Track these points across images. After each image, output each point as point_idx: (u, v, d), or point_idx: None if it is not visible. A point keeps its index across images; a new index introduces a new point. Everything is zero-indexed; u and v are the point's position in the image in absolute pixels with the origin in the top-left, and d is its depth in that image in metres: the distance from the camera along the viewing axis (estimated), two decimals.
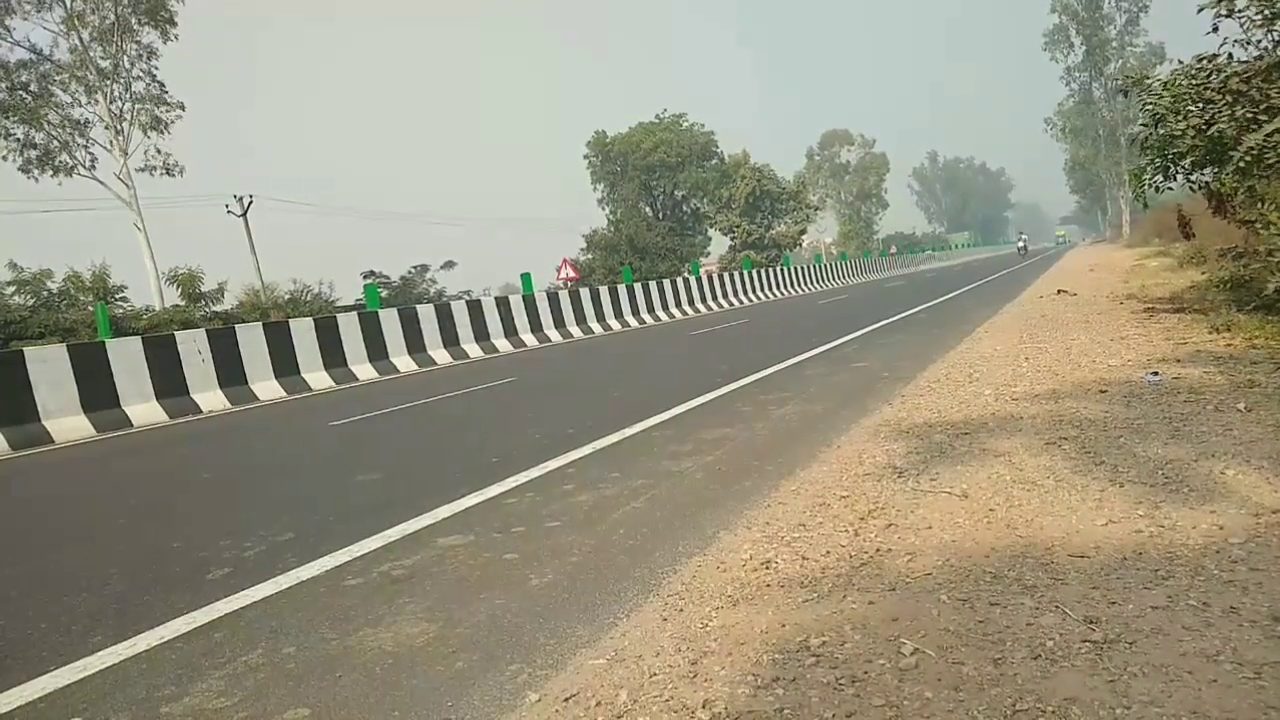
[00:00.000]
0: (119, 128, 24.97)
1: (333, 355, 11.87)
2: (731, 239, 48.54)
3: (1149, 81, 7.66)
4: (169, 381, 9.75)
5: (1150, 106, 7.24)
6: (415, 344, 13.31)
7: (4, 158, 24.06)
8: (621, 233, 38.60)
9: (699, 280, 23.71)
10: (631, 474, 4.12)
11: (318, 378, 11.46)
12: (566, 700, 1.95)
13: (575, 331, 17.17)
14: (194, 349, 10.14)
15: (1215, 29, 7.15)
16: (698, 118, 51.01)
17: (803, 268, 33.25)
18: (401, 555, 3.20)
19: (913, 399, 5.15)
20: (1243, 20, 6.95)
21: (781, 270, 30.86)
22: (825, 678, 1.87)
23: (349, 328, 12.30)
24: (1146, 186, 8.12)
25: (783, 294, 28.60)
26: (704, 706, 1.82)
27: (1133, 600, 2.05)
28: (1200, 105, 6.93)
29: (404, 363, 12.90)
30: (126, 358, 9.47)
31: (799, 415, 5.28)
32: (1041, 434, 3.78)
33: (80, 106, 24.98)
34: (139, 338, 10.19)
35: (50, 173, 24.71)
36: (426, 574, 2.96)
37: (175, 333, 10.66)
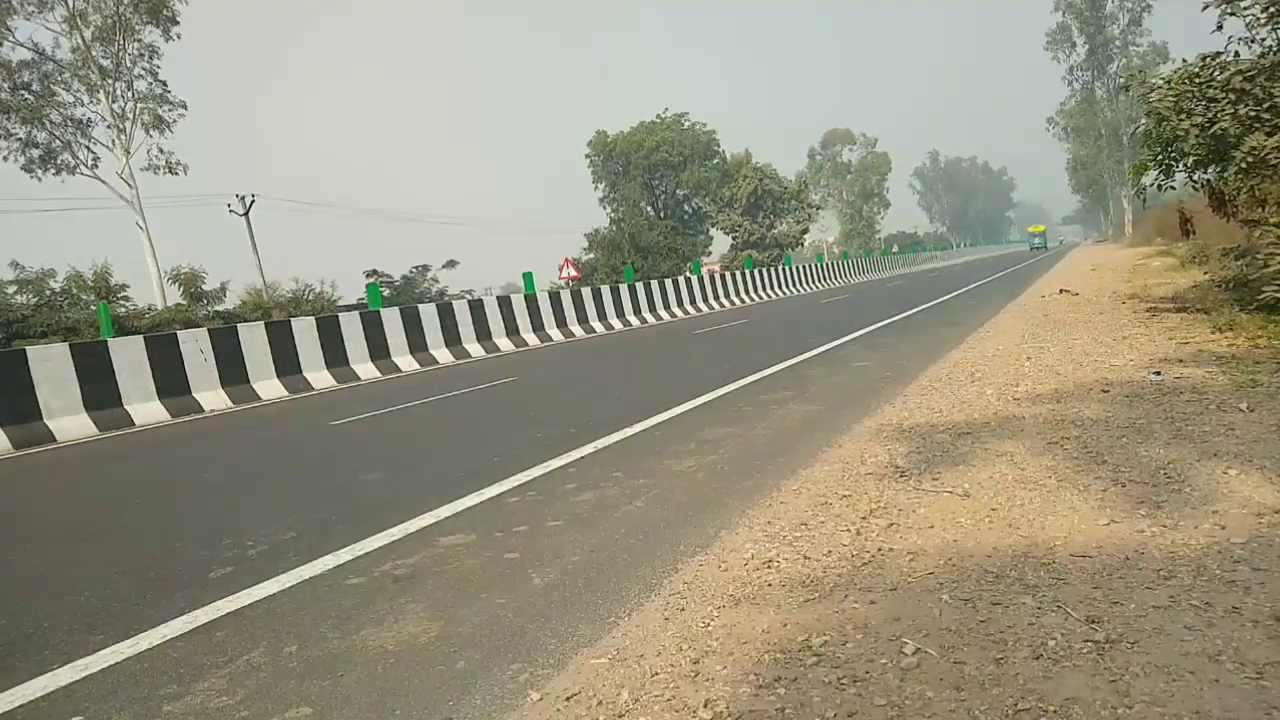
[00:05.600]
0: (121, 127, 24.99)
1: (335, 354, 11.87)
2: (733, 238, 48.53)
3: (1151, 80, 7.64)
4: (171, 380, 9.75)
5: (1152, 105, 7.22)
6: (417, 343, 13.31)
7: (6, 158, 24.14)
8: (623, 232, 38.55)
9: (700, 279, 23.70)
10: (633, 473, 4.12)
11: (320, 377, 11.47)
12: (568, 699, 1.95)
13: (577, 331, 17.17)
14: (196, 348, 10.14)
15: (1220, 27, 7.14)
16: (699, 117, 50.96)
17: (804, 267, 33.21)
18: (403, 554, 3.20)
19: (915, 399, 5.15)
20: (1248, 19, 6.93)
21: (783, 270, 30.84)
22: (827, 677, 1.87)
23: (351, 327, 12.30)
24: (1148, 184, 8.11)
25: (784, 293, 28.58)
26: (706, 706, 1.82)
27: (1135, 600, 2.05)
28: (1204, 104, 6.91)
29: (406, 362, 12.90)
30: (129, 357, 9.48)
31: (801, 415, 5.28)
32: (1044, 434, 3.78)
33: (82, 106, 25.05)
34: (141, 337, 10.19)
35: (53, 172, 24.77)
36: (428, 573, 2.97)
37: (177, 332, 10.67)
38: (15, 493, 6.25)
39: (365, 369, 12.20)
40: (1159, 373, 4.84)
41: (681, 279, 23.23)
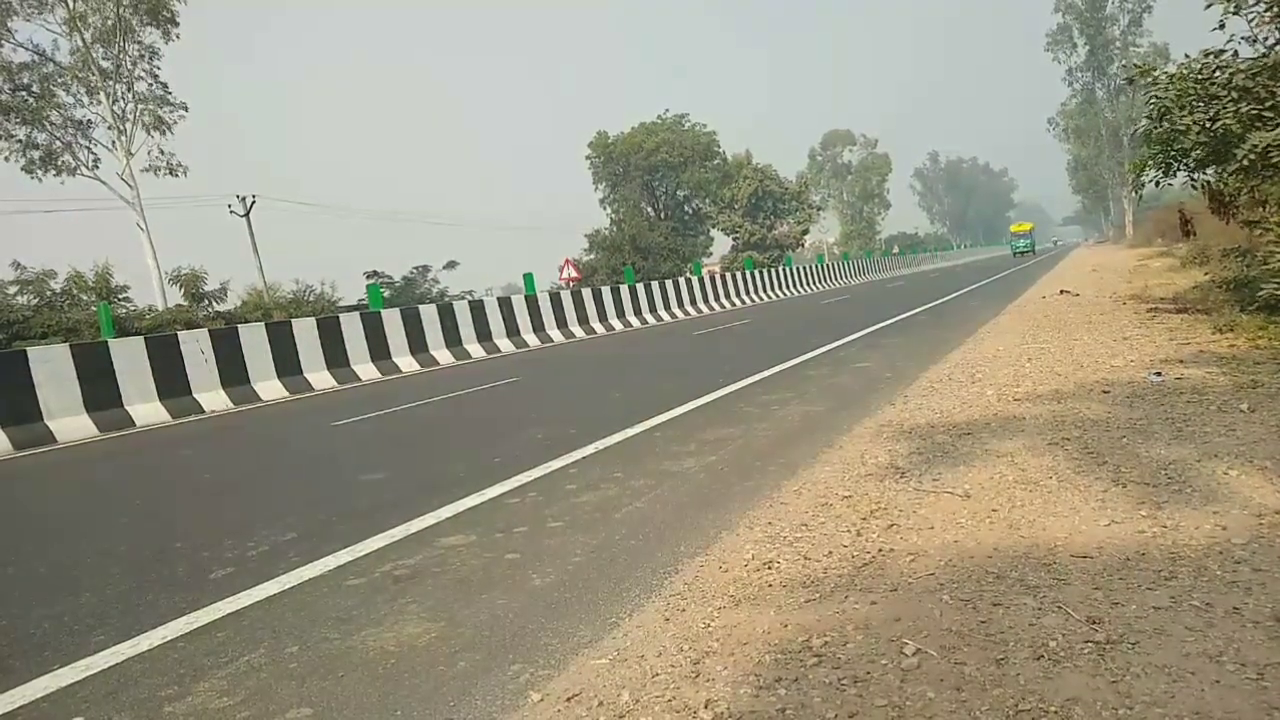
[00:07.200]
0: (121, 128, 25.02)
1: (335, 355, 11.88)
2: (734, 239, 48.57)
3: (1155, 73, 7.62)
4: (172, 381, 9.76)
5: (1156, 100, 7.20)
6: (418, 344, 13.32)
7: (6, 158, 24.15)
8: (624, 233, 38.57)
9: (701, 280, 23.71)
10: (634, 474, 4.12)
11: (320, 377, 11.47)
12: (569, 700, 1.95)
13: (578, 331, 17.17)
14: (197, 349, 10.15)
15: (1222, 25, 7.13)
16: (700, 118, 50.95)
17: (805, 268, 33.21)
18: (404, 555, 3.20)
19: (915, 400, 5.14)
20: (1251, 16, 6.93)
21: (784, 270, 30.84)
22: (827, 678, 1.87)
23: (351, 328, 12.31)
24: (1146, 181, 8.10)
25: (785, 294, 28.58)
26: (706, 706, 1.82)
27: (1135, 601, 2.05)
28: (1205, 102, 6.90)
29: (406, 363, 12.91)
30: (129, 358, 9.49)
31: (801, 416, 5.28)
32: (1044, 434, 3.78)
33: (83, 107, 25.09)
34: (142, 338, 10.20)
35: (53, 173, 24.80)
36: (429, 574, 2.97)
37: (178, 332, 10.68)
38: (16, 493, 6.25)
39: (366, 370, 12.21)
40: (1160, 373, 4.84)
41: (682, 280, 23.24)
